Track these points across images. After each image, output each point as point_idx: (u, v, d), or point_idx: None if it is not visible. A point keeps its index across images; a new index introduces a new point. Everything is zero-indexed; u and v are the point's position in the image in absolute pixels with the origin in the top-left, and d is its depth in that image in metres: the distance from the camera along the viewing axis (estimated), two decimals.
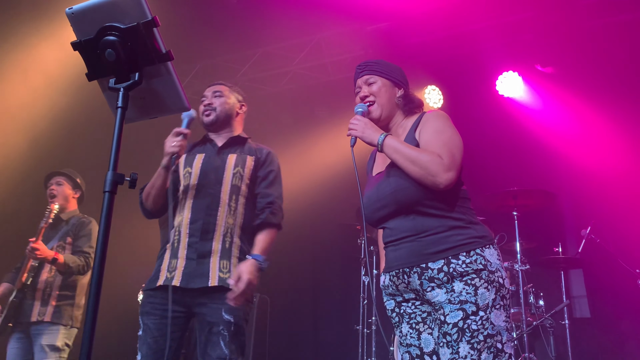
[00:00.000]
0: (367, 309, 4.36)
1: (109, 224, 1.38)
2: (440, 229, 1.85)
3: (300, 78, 6.00)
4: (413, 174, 1.84)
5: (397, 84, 2.09)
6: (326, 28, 5.50)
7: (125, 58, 1.47)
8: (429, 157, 1.82)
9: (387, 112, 2.06)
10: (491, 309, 1.76)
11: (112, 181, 1.41)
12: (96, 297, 1.32)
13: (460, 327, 1.75)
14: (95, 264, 1.35)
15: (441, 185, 1.80)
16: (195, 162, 2.56)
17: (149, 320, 2.34)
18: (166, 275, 2.37)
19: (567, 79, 5.03)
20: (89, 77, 1.55)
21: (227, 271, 2.36)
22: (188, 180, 2.52)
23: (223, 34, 5.55)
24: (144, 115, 1.58)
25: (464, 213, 1.89)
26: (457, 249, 1.82)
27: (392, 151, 1.89)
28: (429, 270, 1.82)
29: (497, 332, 1.75)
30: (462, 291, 1.77)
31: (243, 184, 2.53)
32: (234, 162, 2.55)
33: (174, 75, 1.51)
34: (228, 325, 2.29)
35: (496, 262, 1.84)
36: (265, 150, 2.68)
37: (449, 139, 1.88)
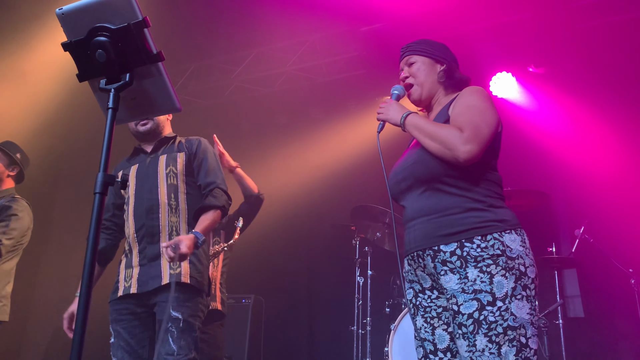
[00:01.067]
0: (362, 309, 4.36)
1: (99, 226, 1.37)
2: (456, 209, 1.76)
3: (295, 79, 5.99)
4: (433, 150, 1.76)
5: (439, 60, 2.01)
6: (321, 29, 5.50)
7: (116, 59, 1.46)
8: (448, 131, 1.74)
9: (428, 91, 2.00)
10: (511, 299, 1.65)
11: (103, 182, 1.40)
12: (86, 302, 1.31)
13: (475, 319, 1.65)
14: (86, 267, 1.34)
15: (460, 158, 1.70)
16: (130, 174, 2.64)
17: (118, 326, 2.45)
18: (124, 285, 2.48)
19: (560, 80, 5.05)
20: (79, 77, 1.55)
21: (177, 267, 2.42)
22: (127, 192, 2.60)
23: (217, 35, 5.54)
24: (135, 115, 1.58)
25: (485, 195, 1.78)
26: (471, 231, 1.71)
27: (413, 129, 1.83)
28: (441, 252, 1.74)
29: (520, 324, 1.64)
30: (477, 279, 1.67)
31: (179, 181, 2.58)
32: (164, 163, 2.60)
33: (165, 75, 1.51)
34: (176, 322, 2.34)
35: (518, 249, 1.70)
36: (195, 140, 2.71)
37: (476, 113, 1.78)
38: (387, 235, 4.57)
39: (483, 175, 1.81)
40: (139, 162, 2.68)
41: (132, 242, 2.54)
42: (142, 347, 2.43)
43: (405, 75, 2.03)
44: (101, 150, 1.43)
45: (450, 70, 2.01)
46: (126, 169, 2.69)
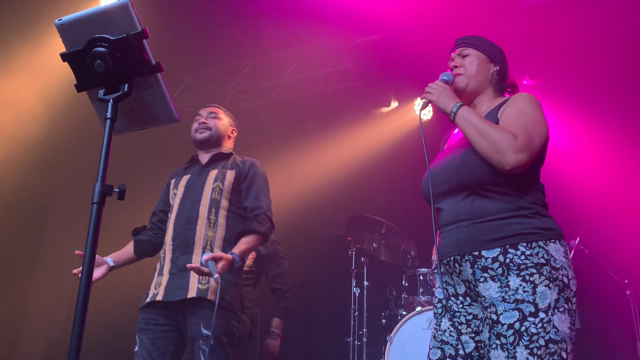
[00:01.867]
0: (358, 320, 4.34)
1: (97, 236, 1.37)
2: (502, 215, 1.69)
3: (291, 90, 6.01)
4: (481, 149, 1.69)
5: (493, 60, 1.95)
6: (317, 40, 5.53)
7: (115, 69, 1.47)
8: (502, 134, 1.66)
9: (475, 85, 1.92)
10: (554, 311, 1.58)
11: (101, 192, 1.40)
12: (83, 311, 1.30)
13: (517, 330, 1.58)
14: (83, 277, 1.33)
15: (508, 166, 1.64)
16: (181, 183, 2.70)
17: (144, 335, 2.44)
18: (153, 292, 2.49)
19: (555, 92, 5.09)
20: (78, 88, 1.55)
21: (206, 282, 2.41)
22: (174, 200, 2.65)
23: (214, 46, 5.56)
24: (134, 126, 1.58)
25: (532, 202, 1.71)
26: (516, 237, 1.65)
27: (464, 121, 1.74)
28: (482, 259, 1.67)
29: (562, 338, 1.56)
30: (519, 288, 1.60)
31: (223, 198, 2.60)
32: (213, 178, 2.64)
33: (163, 86, 1.51)
34: (206, 340, 2.33)
35: (562, 260, 1.64)
36: (249, 162, 2.74)
37: (530, 121, 1.72)
38: (383, 245, 4.57)
39: (530, 182, 1.76)
40: (192, 172, 2.73)
41: (167, 250, 2.55)
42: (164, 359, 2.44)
43: (456, 63, 1.95)
44: (99, 160, 1.43)
45: (503, 72, 1.96)
46: (179, 177, 2.75)
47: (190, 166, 2.80)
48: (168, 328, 2.45)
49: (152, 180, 5.72)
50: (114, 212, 2.78)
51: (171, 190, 2.72)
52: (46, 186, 5.74)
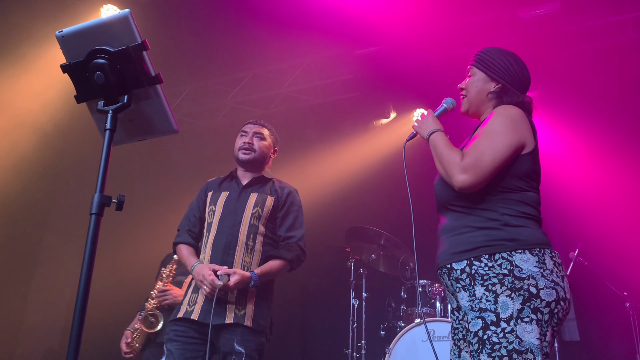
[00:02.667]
0: (357, 332, 4.32)
1: (95, 247, 1.37)
2: (468, 228, 1.78)
3: (291, 100, 6.04)
4: (439, 172, 1.85)
5: (494, 78, 1.97)
6: (316, 51, 5.56)
7: (115, 81, 1.48)
8: (450, 157, 1.79)
9: (475, 107, 2.01)
10: (517, 321, 1.60)
11: (99, 203, 1.40)
12: (80, 321, 1.30)
13: (480, 338, 1.64)
14: (80, 288, 1.33)
15: (455, 187, 1.75)
16: (219, 200, 2.72)
17: (172, 346, 2.50)
18: (187, 308, 2.55)
19: (553, 104, 5.11)
20: (77, 99, 1.56)
21: (242, 308, 2.51)
22: (211, 218, 2.69)
23: (213, 57, 5.59)
24: (133, 137, 1.59)
25: (502, 214, 1.75)
26: (479, 250, 1.71)
27: (431, 147, 1.90)
28: (454, 270, 1.77)
29: (527, 349, 1.57)
30: (482, 297, 1.66)
31: (261, 224, 2.66)
32: (253, 202, 2.68)
33: (162, 98, 1.52)
34: (239, 356, 2.44)
35: (531, 269, 1.64)
36: (287, 189, 2.80)
37: (487, 139, 1.78)
38: (382, 257, 4.56)
39: (501, 195, 1.78)
40: (231, 190, 2.75)
41: None
42: None
43: (461, 86, 2.06)
44: (97, 171, 1.43)
45: (502, 91, 1.96)
46: (217, 192, 2.77)
47: (228, 181, 2.81)
48: (198, 342, 2.51)
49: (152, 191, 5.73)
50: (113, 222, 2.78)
51: (208, 205, 2.75)
52: (45, 195, 5.74)
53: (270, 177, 2.83)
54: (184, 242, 2.74)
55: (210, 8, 4.92)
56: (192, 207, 2.83)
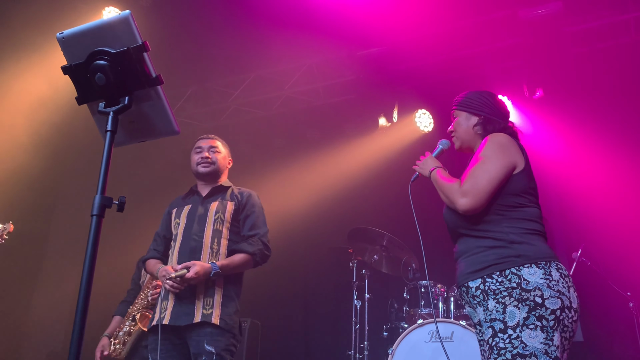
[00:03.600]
0: (359, 333, 4.32)
1: (96, 248, 1.37)
2: (479, 249, 1.95)
3: (292, 102, 6.04)
4: (446, 203, 2.05)
5: (475, 113, 2.20)
6: (318, 53, 5.56)
7: (115, 82, 1.48)
8: (450, 186, 2.00)
9: (466, 142, 2.22)
10: (522, 328, 1.75)
11: (100, 205, 1.40)
12: (82, 320, 1.30)
13: (490, 344, 1.81)
14: (82, 289, 1.33)
15: (460, 210, 1.95)
16: (182, 213, 2.88)
17: (155, 355, 2.60)
18: (159, 315, 2.66)
19: (555, 104, 5.10)
20: (78, 100, 1.56)
21: (210, 307, 2.62)
22: (177, 229, 2.84)
23: (216, 58, 5.60)
24: (134, 138, 1.59)
25: (507, 233, 1.92)
26: (491, 268, 1.88)
27: (434, 183, 2.11)
28: (471, 289, 1.94)
29: (530, 353, 1.72)
30: (493, 310, 1.83)
31: (224, 228, 2.81)
32: (215, 209, 2.83)
33: (163, 99, 1.52)
34: (209, 356, 2.54)
35: (537, 281, 1.80)
36: (246, 193, 2.96)
37: (480, 166, 1.97)
38: (384, 258, 4.56)
39: (503, 214, 1.96)
40: (192, 203, 2.91)
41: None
42: None
43: (450, 129, 2.28)
44: (99, 173, 1.43)
45: (485, 122, 2.17)
46: (180, 207, 2.92)
47: (190, 196, 2.97)
48: (179, 346, 2.63)
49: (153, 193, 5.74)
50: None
51: (173, 220, 2.90)
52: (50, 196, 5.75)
53: (229, 185, 2.99)
54: (151, 257, 2.90)
55: (213, 10, 4.92)
56: (159, 228, 2.99)
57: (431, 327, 3.59)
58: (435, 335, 3.53)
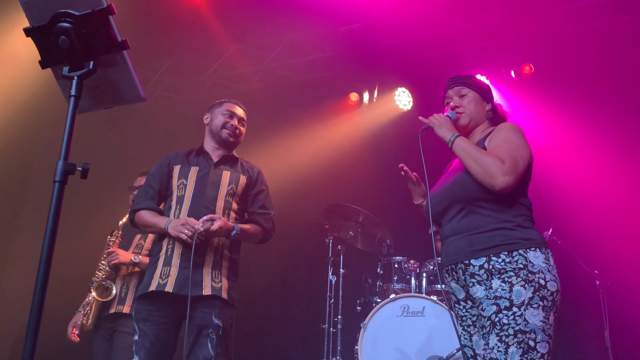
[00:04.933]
0: (334, 307, 4.37)
1: (58, 215, 1.35)
2: (488, 227, 1.96)
3: (272, 77, 5.98)
4: (474, 173, 1.97)
5: (486, 98, 2.25)
6: (298, 27, 5.49)
7: (80, 46, 1.44)
8: (492, 159, 1.94)
9: (475, 122, 2.22)
10: (527, 307, 1.82)
11: (63, 171, 1.37)
12: (41, 295, 1.28)
13: (492, 320, 1.86)
14: (42, 259, 1.31)
15: (497, 187, 1.91)
16: (190, 174, 2.69)
17: (145, 326, 2.46)
18: (158, 281, 2.49)
19: (534, 84, 5.14)
20: (42, 64, 1.52)
21: (219, 281, 2.52)
22: (183, 191, 2.65)
23: (194, 30, 5.49)
24: (99, 105, 1.56)
25: (515, 216, 1.97)
26: (499, 247, 1.91)
27: (460, 149, 2.03)
28: (471, 266, 1.95)
29: (531, 329, 1.81)
30: (499, 288, 1.87)
31: (234, 201, 2.69)
32: (228, 179, 2.70)
33: (130, 65, 1.49)
34: (217, 329, 2.45)
35: (541, 265, 1.88)
36: (256, 168, 2.87)
37: (515, 148, 1.99)
38: (360, 234, 4.59)
39: (515, 199, 2.00)
40: (201, 165, 2.72)
41: (176, 242, 2.54)
42: (166, 350, 2.47)
43: (457, 104, 2.24)
44: (62, 139, 1.40)
45: (495, 108, 2.25)
46: (185, 166, 2.72)
47: (195, 156, 2.78)
48: (173, 320, 2.50)
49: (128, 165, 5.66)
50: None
51: (176, 178, 2.69)
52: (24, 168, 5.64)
53: (237, 157, 2.86)
54: (147, 208, 2.65)
55: None
56: (152, 179, 2.74)
57: (403, 302, 3.65)
58: (406, 310, 3.58)
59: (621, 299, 4.22)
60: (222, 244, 2.59)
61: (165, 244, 2.58)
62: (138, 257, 3.38)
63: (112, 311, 3.33)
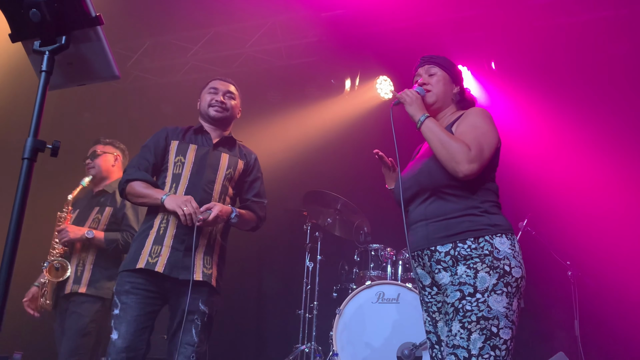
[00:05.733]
0: (310, 293, 4.39)
1: (27, 193, 1.31)
2: (455, 214, 1.94)
3: (253, 61, 5.91)
4: (440, 156, 1.94)
5: (455, 80, 2.22)
6: (281, 11, 5.43)
7: (52, 20, 1.39)
8: (459, 145, 1.91)
9: (441, 102, 2.18)
10: (490, 293, 1.81)
11: (32, 148, 1.33)
12: (8, 274, 1.25)
13: (455, 307, 1.84)
14: (10, 237, 1.28)
15: (461, 174, 1.89)
16: (188, 152, 2.61)
17: (129, 299, 2.38)
18: (147, 259, 2.42)
19: (513, 76, 5.17)
20: (12, 38, 1.46)
21: (210, 267, 2.50)
22: (180, 169, 2.57)
23: (175, 11, 5.38)
24: (71, 81, 1.51)
25: (482, 202, 1.95)
26: (465, 234, 1.90)
27: (428, 130, 1.99)
28: (437, 253, 1.94)
29: (494, 316, 1.79)
30: (463, 274, 1.86)
31: (230, 186, 2.64)
32: (227, 163, 2.65)
33: (104, 41, 1.44)
34: (202, 315, 2.44)
35: (506, 251, 1.87)
36: (253, 155, 2.83)
37: (482, 134, 1.96)
38: (338, 221, 4.60)
39: (481, 185, 1.99)
40: (200, 144, 2.66)
41: (170, 221, 2.47)
42: (147, 327, 2.40)
43: (425, 81, 2.20)
44: (32, 115, 1.36)
45: (462, 94, 2.22)
46: (183, 143, 2.65)
47: (193, 134, 2.70)
48: (157, 296, 2.44)
49: None
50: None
51: (173, 154, 2.60)
52: None
53: (236, 139, 2.81)
54: (141, 179, 2.55)
55: None
56: (147, 150, 2.64)
57: (378, 289, 3.68)
58: (382, 297, 3.61)
59: (591, 290, 4.32)
60: (216, 229, 2.56)
61: (158, 221, 2.49)
62: (92, 232, 3.22)
63: (67, 291, 3.20)
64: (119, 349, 2.31)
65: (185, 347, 2.37)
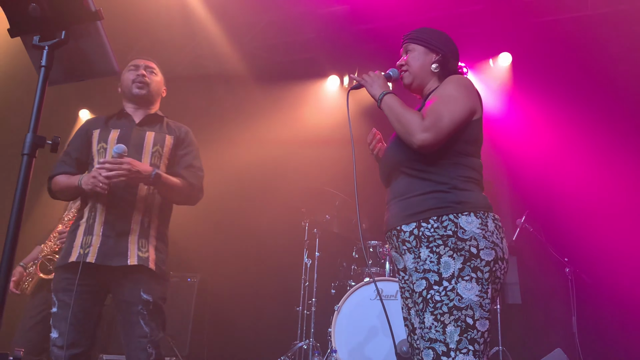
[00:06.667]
0: (308, 290, 4.39)
1: (26, 190, 1.31)
2: (420, 191, 1.83)
3: (250, 58, 5.87)
4: (397, 132, 1.86)
5: (433, 49, 2.04)
6: (278, 7, 5.39)
7: (51, 14, 1.39)
8: (411, 116, 1.81)
9: (420, 79, 2.04)
10: (457, 279, 1.68)
11: (32, 144, 1.33)
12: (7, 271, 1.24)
13: (424, 297, 1.72)
14: (10, 233, 1.27)
15: (414, 145, 1.78)
16: (110, 136, 2.49)
17: (65, 296, 2.28)
18: (79, 251, 2.32)
19: (510, 73, 5.18)
20: (11, 32, 1.45)
21: (146, 250, 2.37)
22: (103, 156, 2.45)
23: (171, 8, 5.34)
24: (71, 77, 1.50)
25: (452, 178, 1.82)
26: (429, 212, 1.77)
27: (387, 107, 1.90)
28: (402, 232, 1.83)
29: (466, 305, 1.66)
30: (427, 259, 1.74)
31: (162, 164, 2.50)
32: (152, 140, 2.51)
33: (103, 36, 1.44)
34: (147, 304, 2.31)
35: (474, 231, 1.72)
36: (184, 128, 2.66)
37: (443, 102, 1.83)
38: (336, 218, 4.60)
39: (452, 159, 1.85)
40: (122, 128, 2.52)
41: (98, 209, 2.37)
42: (89, 322, 2.32)
43: (401, 62, 2.09)
44: (31, 111, 1.35)
45: (444, 60, 2.03)
46: (105, 130, 2.52)
47: (118, 120, 2.58)
48: (96, 289, 2.34)
49: None
50: None
51: (96, 143, 2.50)
52: None
53: (162, 116, 2.66)
54: (64, 172, 2.48)
55: None
56: (69, 147, 2.56)
57: (378, 286, 3.67)
58: (381, 293, 3.61)
59: (589, 287, 4.34)
60: (149, 211, 2.43)
61: (87, 212, 2.42)
62: None
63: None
64: (60, 347, 2.25)
65: (139, 341, 2.28)
